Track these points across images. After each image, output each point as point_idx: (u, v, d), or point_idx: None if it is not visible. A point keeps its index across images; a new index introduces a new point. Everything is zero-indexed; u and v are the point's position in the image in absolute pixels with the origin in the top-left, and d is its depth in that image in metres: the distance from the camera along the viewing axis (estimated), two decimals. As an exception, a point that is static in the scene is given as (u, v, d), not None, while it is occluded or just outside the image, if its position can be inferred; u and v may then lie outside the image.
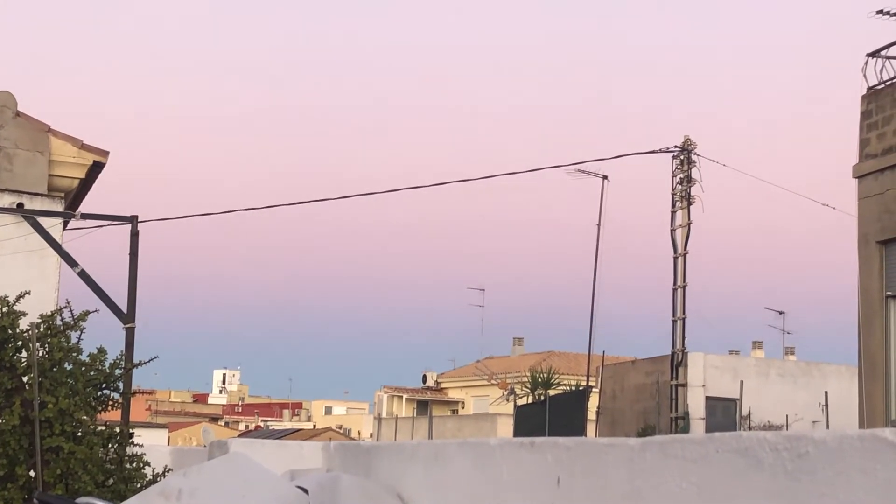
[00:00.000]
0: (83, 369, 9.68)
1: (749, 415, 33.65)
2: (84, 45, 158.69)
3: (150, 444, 12.57)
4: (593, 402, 35.76)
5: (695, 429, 31.41)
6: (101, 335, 10.79)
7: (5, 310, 9.49)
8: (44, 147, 14.73)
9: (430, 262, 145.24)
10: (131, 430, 10.20)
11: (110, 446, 9.75)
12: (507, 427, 41.04)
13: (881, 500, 3.00)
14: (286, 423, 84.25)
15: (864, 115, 16.55)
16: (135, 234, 14.33)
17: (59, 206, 14.83)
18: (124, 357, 10.39)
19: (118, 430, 9.95)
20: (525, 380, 46.89)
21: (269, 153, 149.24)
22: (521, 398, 43.63)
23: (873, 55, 16.73)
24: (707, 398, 34.23)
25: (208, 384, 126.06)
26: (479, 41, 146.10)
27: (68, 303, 10.09)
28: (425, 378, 68.00)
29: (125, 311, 14.08)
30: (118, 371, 9.98)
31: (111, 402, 10.03)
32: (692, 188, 29.37)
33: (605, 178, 31.26)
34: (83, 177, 15.10)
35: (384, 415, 60.51)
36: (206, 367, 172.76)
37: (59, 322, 9.81)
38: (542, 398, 37.31)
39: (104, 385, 9.86)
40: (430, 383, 67.78)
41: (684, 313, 29.47)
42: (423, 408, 61.93)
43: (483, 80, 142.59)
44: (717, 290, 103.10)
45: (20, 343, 9.42)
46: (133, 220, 14.51)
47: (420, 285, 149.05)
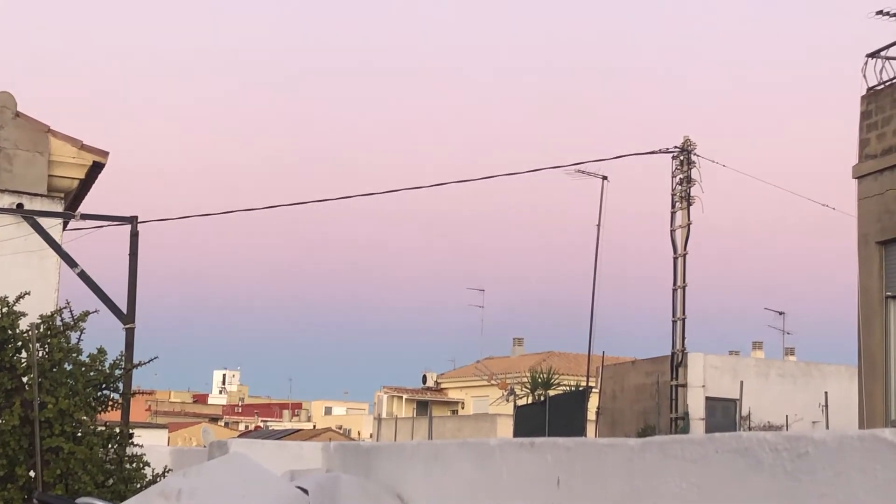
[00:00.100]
0: (83, 370, 9.67)
1: (749, 415, 33.63)
2: (84, 45, 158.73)
3: (150, 444, 12.56)
4: (593, 403, 35.75)
5: (695, 429, 31.39)
6: (100, 336, 10.79)
7: (5, 310, 9.48)
8: (43, 147, 14.72)
9: (430, 263, 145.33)
10: (131, 431, 10.19)
11: (110, 447, 9.74)
12: (506, 427, 41.04)
13: (881, 500, 2.99)
14: (286, 424, 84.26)
15: (864, 115, 16.54)
16: (134, 235, 14.32)
17: (58, 207, 14.82)
18: (124, 357, 10.37)
19: (118, 430, 9.94)
20: (525, 380, 46.87)
21: (270, 154, 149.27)
22: (520, 398, 43.63)
23: (873, 56, 16.72)
24: (707, 398, 34.22)
25: (208, 384, 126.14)
26: (479, 42, 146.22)
27: (68, 303, 10.09)
28: (425, 378, 67.99)
29: (125, 311, 14.06)
30: (118, 371, 9.97)
31: (111, 403, 10.01)
32: (692, 189, 29.37)
33: (605, 178, 31.28)
34: (83, 177, 15.08)
35: (384, 415, 60.48)
36: (205, 368, 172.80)
37: (59, 322, 9.80)
38: (542, 398, 37.30)
39: (104, 385, 9.85)
40: (430, 384, 67.77)
41: (684, 313, 29.46)
42: (422, 408, 61.91)
43: (483, 81, 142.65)
44: (717, 290, 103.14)
45: (20, 343, 9.41)
46: (133, 221, 14.49)
47: (420, 286, 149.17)
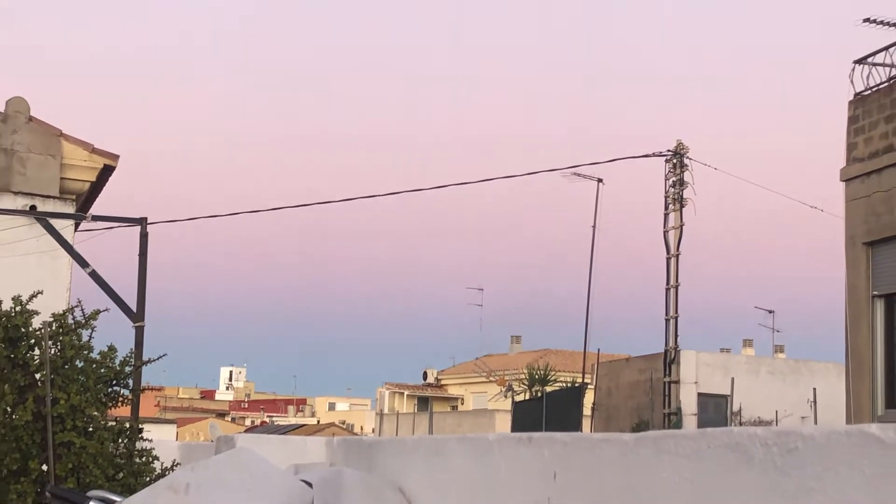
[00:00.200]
0: (94, 367, 9.69)
1: (740, 411, 33.66)
2: (95, 51, 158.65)
3: (159, 439, 12.56)
4: (589, 399, 35.79)
5: (687, 424, 31.40)
6: (111, 333, 10.81)
7: (18, 309, 9.50)
8: (56, 151, 14.73)
9: (430, 263, 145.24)
10: (140, 426, 10.22)
11: (120, 441, 9.76)
12: (505, 423, 41.04)
13: (868, 494, 3.00)
14: (291, 419, 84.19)
15: (852, 120, 16.55)
16: (144, 236, 14.31)
17: (70, 209, 14.82)
18: (134, 355, 10.41)
19: (128, 425, 9.97)
20: (522, 377, 46.89)
21: (273, 156, 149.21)
22: (518, 395, 43.68)
23: (860, 62, 16.73)
24: (699, 395, 34.24)
25: (215, 381, 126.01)
26: (475, 44, 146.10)
27: (79, 302, 10.11)
28: (426, 375, 67.96)
29: (135, 310, 14.05)
30: (128, 368, 10.00)
31: (121, 399, 10.03)
32: (685, 191, 29.37)
33: (600, 181, 31.29)
34: (94, 180, 15.09)
35: (386, 411, 60.46)
36: (213, 365, 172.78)
37: (70, 321, 9.82)
38: (539, 395, 37.31)
39: (114, 382, 9.87)
40: (431, 380, 67.74)
41: (677, 312, 29.46)
42: (423, 404, 61.91)
43: (483, 84, 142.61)
44: (708, 289, 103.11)
45: (33, 341, 9.43)
46: (143, 222, 14.48)
47: (421, 285, 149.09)
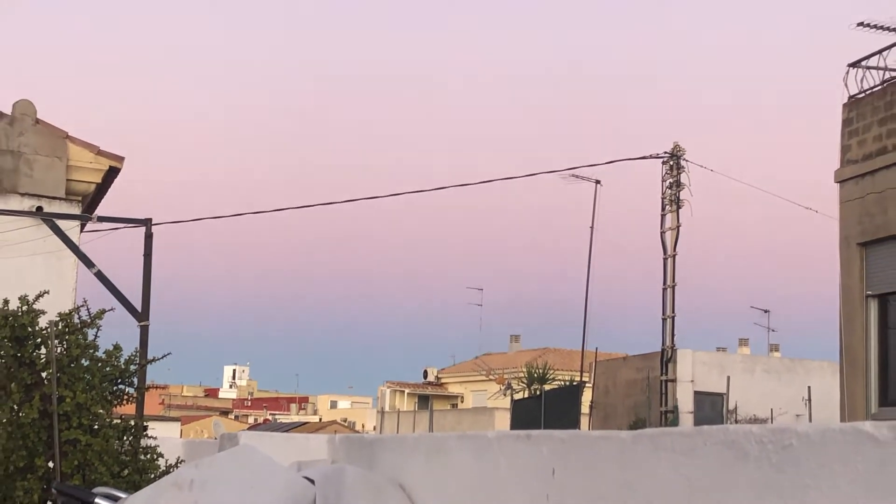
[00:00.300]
0: (99, 365, 9.68)
1: (735, 409, 33.65)
2: (101, 54, 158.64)
3: (164, 436, 12.56)
4: (587, 397, 35.76)
5: (684, 422, 31.38)
6: (116, 333, 10.80)
7: (25, 308, 9.50)
8: (62, 153, 14.72)
9: (431, 263, 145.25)
10: (145, 423, 10.21)
11: (125, 438, 9.75)
12: (504, 420, 41.02)
13: (862, 490, 3.00)
14: (293, 417, 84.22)
15: (846, 122, 16.54)
16: (149, 236, 14.29)
17: (76, 210, 14.82)
18: (139, 353, 10.39)
19: (133, 423, 9.96)
20: (521, 375, 46.91)
21: (276, 156, 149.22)
22: (517, 393, 43.67)
23: (854, 65, 16.72)
24: (695, 393, 34.22)
25: (219, 379, 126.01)
26: (480, 53, 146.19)
27: (85, 302, 10.10)
28: (426, 374, 67.97)
29: (139, 309, 14.04)
30: (133, 367, 9.99)
31: (126, 397, 10.03)
32: (681, 192, 29.37)
33: (598, 182, 31.30)
34: (100, 181, 15.09)
35: (387, 408, 60.45)
36: (216, 363, 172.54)
37: (76, 320, 9.81)
38: (538, 393, 37.31)
39: (119, 380, 9.87)
40: (431, 378, 67.75)
41: (674, 312, 29.46)
42: (423, 402, 61.88)
43: (483, 88, 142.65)
44: (705, 289, 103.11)
45: (39, 340, 9.42)
46: (147, 223, 14.47)
47: (422, 285, 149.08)
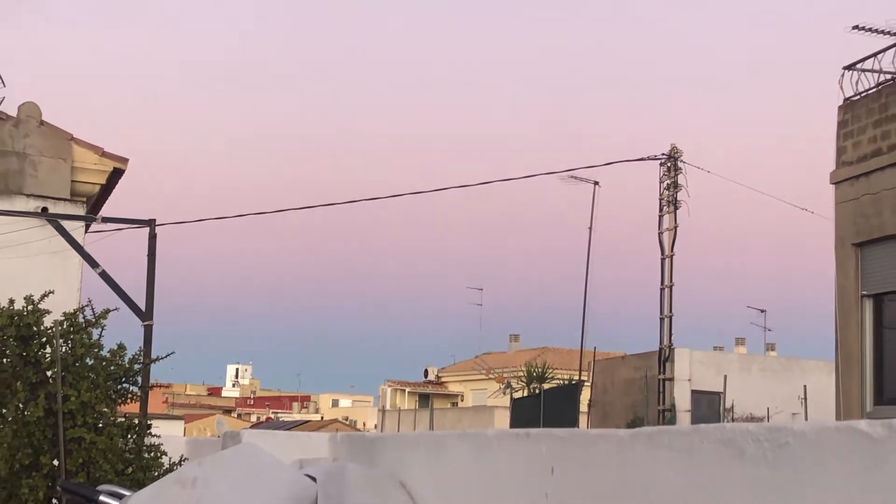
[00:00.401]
0: (104, 364, 9.67)
1: (732, 407, 33.67)
2: (104, 55, 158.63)
3: (167, 434, 12.56)
4: (585, 396, 35.76)
5: (681, 421, 31.40)
6: (120, 332, 10.79)
7: (30, 308, 9.49)
8: (67, 155, 14.72)
9: (431, 264, 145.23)
10: (149, 422, 10.20)
11: (129, 437, 9.74)
12: (503, 419, 41.04)
13: (858, 488, 2.99)
14: (295, 415, 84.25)
15: (841, 124, 16.54)
16: (153, 237, 14.30)
17: (80, 211, 14.82)
18: (143, 353, 10.39)
19: (137, 421, 9.95)
20: (521, 374, 46.91)
21: (277, 157, 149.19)
22: (517, 391, 43.67)
23: (849, 68, 16.72)
24: (693, 391, 34.25)
25: (222, 378, 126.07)
26: (480, 55, 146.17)
27: (90, 301, 10.09)
28: (426, 373, 67.97)
29: (144, 309, 14.05)
30: (137, 366, 9.98)
31: (130, 395, 10.02)
32: (679, 193, 29.37)
33: (596, 183, 31.32)
34: (104, 182, 15.09)
35: (388, 407, 60.45)
36: (220, 363, 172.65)
37: (81, 320, 9.80)
38: (537, 391, 37.31)
39: (124, 379, 9.86)
40: (431, 377, 67.75)
41: (671, 311, 29.46)
42: (424, 401, 61.87)
43: (483, 91, 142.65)
44: (702, 289, 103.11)
45: (45, 339, 9.41)
46: (151, 224, 14.48)
47: (422, 285, 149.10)
